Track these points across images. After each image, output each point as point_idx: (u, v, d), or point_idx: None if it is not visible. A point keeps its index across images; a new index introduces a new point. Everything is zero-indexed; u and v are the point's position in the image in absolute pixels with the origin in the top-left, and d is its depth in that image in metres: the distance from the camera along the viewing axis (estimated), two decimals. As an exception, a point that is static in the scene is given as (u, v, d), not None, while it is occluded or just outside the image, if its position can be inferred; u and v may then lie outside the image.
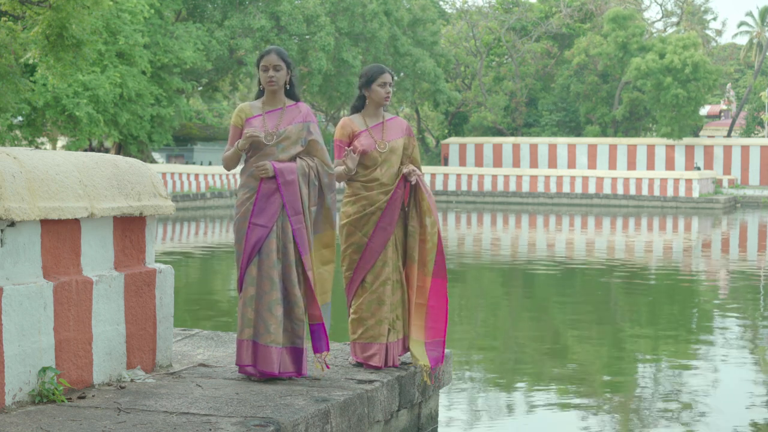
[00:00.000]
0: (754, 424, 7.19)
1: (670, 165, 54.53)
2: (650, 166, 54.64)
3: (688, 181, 44.75)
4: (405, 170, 6.05)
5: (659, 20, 66.94)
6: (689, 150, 55.11)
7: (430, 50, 52.47)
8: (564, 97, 60.95)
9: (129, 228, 5.59)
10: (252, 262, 5.52)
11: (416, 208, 6.11)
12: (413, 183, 6.05)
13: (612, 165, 55.24)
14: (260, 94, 5.81)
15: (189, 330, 7.18)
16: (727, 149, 54.82)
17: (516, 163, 56.66)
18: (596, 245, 24.61)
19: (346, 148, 6.03)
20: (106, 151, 42.12)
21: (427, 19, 52.30)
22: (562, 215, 37.51)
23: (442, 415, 6.89)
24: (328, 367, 5.77)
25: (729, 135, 61.79)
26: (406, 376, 5.96)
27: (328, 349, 5.70)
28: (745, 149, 54.65)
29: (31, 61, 21.87)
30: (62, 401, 4.89)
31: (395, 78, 51.08)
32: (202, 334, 7.01)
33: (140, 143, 39.66)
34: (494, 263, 19.58)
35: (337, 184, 5.92)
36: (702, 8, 67.76)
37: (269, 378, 5.53)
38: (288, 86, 5.77)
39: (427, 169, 48.18)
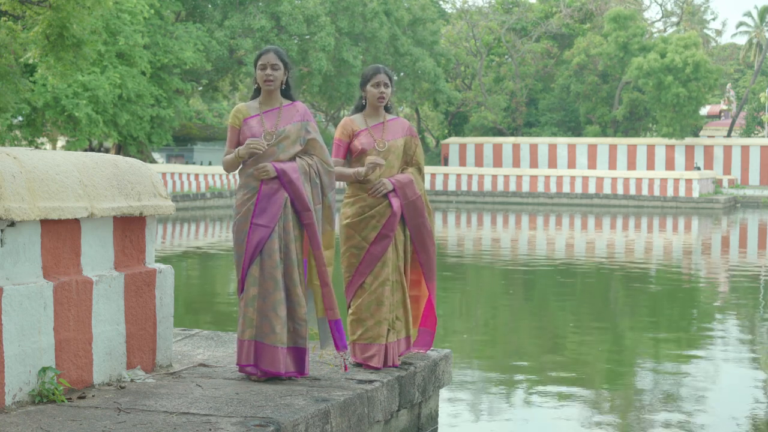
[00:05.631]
0: (754, 424, 7.19)
1: (670, 165, 54.53)
2: (650, 166, 54.65)
3: (688, 181, 44.75)
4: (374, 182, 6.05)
5: (659, 20, 67.00)
6: (689, 150, 55.12)
7: (430, 50, 52.48)
8: (564, 97, 60.96)
9: (129, 228, 5.59)
10: (254, 262, 5.51)
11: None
12: (380, 196, 6.03)
13: (612, 165, 55.25)
14: (257, 94, 5.80)
15: (189, 330, 7.17)
16: (727, 149, 54.83)
17: (516, 163, 56.66)
18: (596, 245, 24.61)
19: (362, 148, 5.99)
20: (106, 151, 42.14)
21: (427, 19, 52.31)
22: (562, 215, 37.51)
23: (442, 415, 6.89)
24: (346, 369, 5.78)
25: (729, 135, 61.80)
26: (406, 376, 5.96)
27: (346, 348, 5.74)
28: (745, 149, 54.66)
29: (31, 61, 21.88)
30: (62, 401, 4.89)
31: (394, 78, 51.06)
32: (202, 334, 7.01)
33: (140, 143, 39.67)
34: (494, 263, 19.57)
35: (337, 183, 5.92)
36: (702, 8, 67.82)
37: (270, 378, 5.53)
38: (284, 86, 5.77)
39: (427, 169, 48.15)
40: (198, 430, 4.46)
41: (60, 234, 5.06)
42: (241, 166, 5.70)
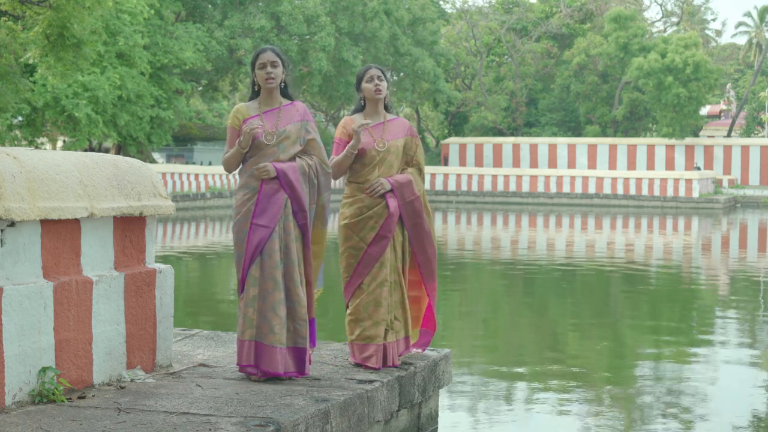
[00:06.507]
0: (754, 424, 7.19)
1: (670, 165, 54.54)
2: (650, 166, 54.65)
3: (688, 181, 44.76)
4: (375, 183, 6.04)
5: (659, 20, 67.02)
6: (689, 150, 55.12)
7: (429, 50, 52.48)
8: (564, 97, 60.96)
9: (129, 228, 5.59)
10: (254, 262, 5.51)
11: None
12: (377, 196, 6.02)
13: (612, 165, 55.25)
14: (255, 94, 5.79)
15: (189, 330, 7.17)
16: (727, 149, 54.83)
17: (516, 163, 56.67)
18: (596, 245, 24.61)
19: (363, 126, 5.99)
20: (106, 151, 42.14)
21: (427, 19, 52.31)
22: (562, 215, 37.51)
23: (442, 415, 6.89)
24: (310, 363, 5.80)
25: (729, 135, 61.80)
26: (406, 376, 5.96)
27: (314, 345, 5.80)
28: (745, 149, 54.66)
29: (31, 61, 21.87)
30: (62, 401, 4.89)
31: (392, 76, 51.32)
32: (202, 334, 7.01)
33: (139, 144, 39.68)
34: (494, 263, 19.57)
35: (333, 184, 5.93)
36: (702, 8, 67.86)
37: (270, 378, 5.53)
38: (283, 85, 5.76)
39: (427, 169, 48.04)
40: (198, 430, 4.46)
41: (60, 234, 5.06)
42: (241, 166, 5.70)
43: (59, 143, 42.39)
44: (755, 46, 69.82)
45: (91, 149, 38.14)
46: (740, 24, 72.58)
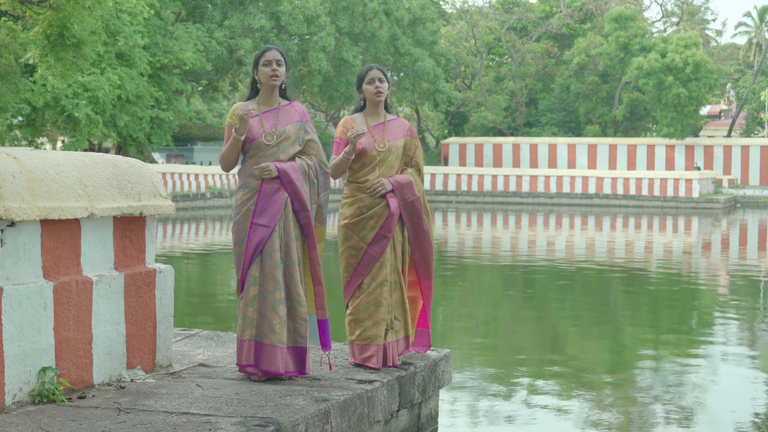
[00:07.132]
0: (754, 424, 7.19)
1: (670, 165, 54.54)
2: (650, 166, 54.66)
3: (688, 181, 44.76)
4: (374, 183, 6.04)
5: (659, 20, 67.03)
6: (689, 150, 55.12)
7: (429, 50, 52.47)
8: (564, 97, 60.96)
9: (129, 228, 5.59)
10: (254, 262, 5.51)
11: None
12: (378, 196, 6.02)
13: (612, 165, 55.25)
14: (254, 94, 5.79)
15: (189, 330, 7.17)
16: (727, 149, 54.84)
17: (516, 163, 56.67)
18: (596, 245, 24.61)
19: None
20: (106, 151, 42.13)
21: (427, 19, 52.30)
22: (562, 215, 37.51)
23: (442, 415, 6.89)
24: (330, 369, 5.80)
25: (729, 135, 61.81)
26: (406, 376, 5.96)
27: (330, 348, 5.77)
28: (745, 149, 54.66)
29: (31, 61, 21.89)
30: (62, 401, 4.89)
31: (392, 76, 51.28)
32: (202, 334, 7.01)
33: (139, 144, 39.68)
34: (494, 263, 19.57)
35: (332, 183, 5.94)
36: (702, 8, 67.88)
37: (270, 377, 5.53)
38: (283, 87, 5.77)
39: (427, 169, 48.15)
40: (198, 430, 4.46)
41: (60, 234, 5.06)
42: (240, 166, 5.70)
43: (59, 143, 42.39)
44: (755, 46, 69.87)
45: (91, 149, 38.13)
46: (740, 24, 72.67)
